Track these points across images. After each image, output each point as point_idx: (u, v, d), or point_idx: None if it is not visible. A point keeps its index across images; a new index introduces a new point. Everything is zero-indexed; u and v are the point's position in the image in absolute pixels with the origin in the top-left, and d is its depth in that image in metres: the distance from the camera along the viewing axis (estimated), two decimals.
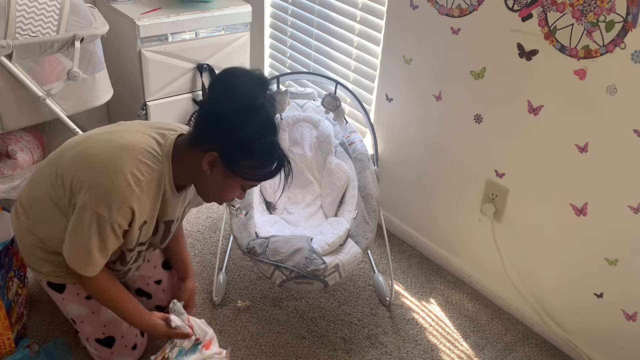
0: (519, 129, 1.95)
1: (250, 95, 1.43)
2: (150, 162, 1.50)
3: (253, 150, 1.46)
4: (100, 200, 1.45)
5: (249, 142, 1.44)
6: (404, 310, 2.16)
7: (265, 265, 1.86)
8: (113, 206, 1.44)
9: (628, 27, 1.59)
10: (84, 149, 1.56)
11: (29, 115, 2.24)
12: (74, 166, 1.53)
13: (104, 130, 1.63)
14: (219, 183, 1.52)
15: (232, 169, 1.47)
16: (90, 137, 1.60)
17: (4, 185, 2.30)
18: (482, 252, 2.22)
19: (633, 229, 1.73)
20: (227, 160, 1.46)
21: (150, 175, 1.49)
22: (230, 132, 1.43)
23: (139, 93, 2.71)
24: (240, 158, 1.45)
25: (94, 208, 1.45)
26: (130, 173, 1.46)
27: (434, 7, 2.09)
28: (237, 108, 1.43)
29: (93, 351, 1.79)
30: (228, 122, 1.43)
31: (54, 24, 2.14)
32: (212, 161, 1.47)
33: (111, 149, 1.50)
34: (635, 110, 1.64)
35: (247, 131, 1.43)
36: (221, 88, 1.48)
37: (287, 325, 2.05)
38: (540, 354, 2.04)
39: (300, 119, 2.39)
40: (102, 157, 1.49)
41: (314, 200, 2.32)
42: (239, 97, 1.43)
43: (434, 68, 2.17)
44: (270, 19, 2.98)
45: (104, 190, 1.45)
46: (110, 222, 1.46)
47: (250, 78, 1.47)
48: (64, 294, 1.73)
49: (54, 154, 1.67)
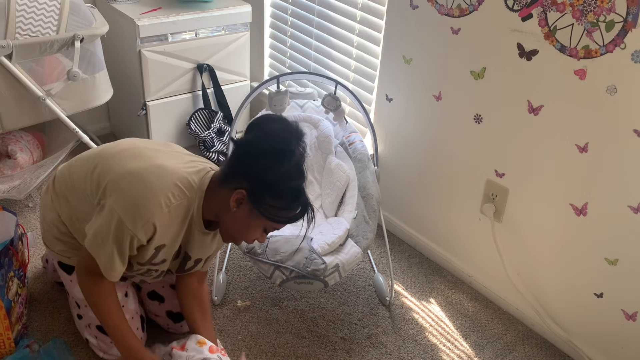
0: (519, 129, 1.95)
1: (285, 141, 1.49)
2: (185, 189, 1.55)
3: (280, 192, 1.50)
4: (128, 211, 1.50)
5: (278, 183, 1.49)
6: (404, 310, 2.16)
7: (265, 265, 1.86)
8: (138, 221, 1.50)
9: (628, 27, 1.59)
10: (128, 156, 1.61)
11: (29, 115, 2.24)
12: (111, 171, 1.59)
13: (152, 146, 1.69)
14: (243, 221, 1.56)
15: (259, 208, 1.51)
16: (137, 147, 1.66)
17: (4, 185, 2.30)
18: (482, 252, 2.22)
19: (633, 229, 1.73)
20: (255, 199, 1.50)
21: (181, 201, 1.54)
22: (261, 172, 1.49)
23: (139, 93, 2.71)
24: (267, 198, 1.50)
25: (121, 216, 1.50)
26: (164, 194, 1.52)
27: (434, 7, 2.09)
28: (271, 150, 1.48)
29: (93, 341, 1.80)
30: (261, 163, 1.49)
31: (54, 24, 2.14)
32: (240, 199, 1.52)
33: (153, 166, 1.56)
34: (635, 110, 1.64)
35: (277, 173, 1.48)
36: (258, 130, 1.54)
37: (287, 325, 2.05)
38: (540, 354, 2.04)
39: (300, 119, 2.39)
40: (141, 172, 1.55)
41: (314, 200, 2.32)
42: (275, 140, 1.49)
43: (434, 68, 2.17)
44: (270, 19, 2.98)
45: (134, 203, 1.51)
46: (131, 234, 1.51)
47: (287, 125, 1.55)
48: (72, 276, 1.78)
49: (103, 146, 1.74)
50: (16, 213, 1.97)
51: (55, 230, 1.78)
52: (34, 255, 2.18)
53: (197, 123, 2.85)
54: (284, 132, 1.52)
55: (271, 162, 1.48)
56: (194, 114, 2.84)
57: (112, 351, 1.78)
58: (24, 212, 2.45)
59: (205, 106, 2.88)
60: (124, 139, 1.78)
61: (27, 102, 2.20)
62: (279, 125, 1.55)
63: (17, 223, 1.92)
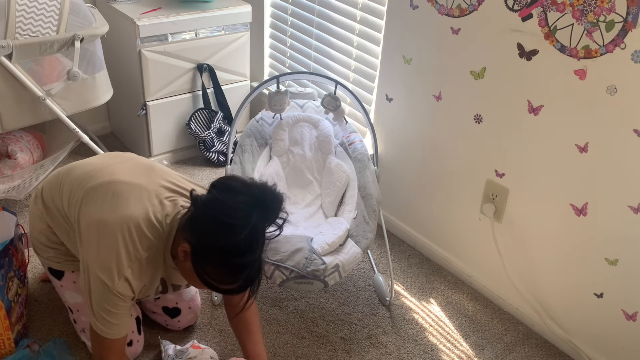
0: (519, 129, 1.95)
1: (237, 216, 1.40)
2: (154, 238, 1.52)
3: (220, 264, 1.44)
4: (103, 269, 1.48)
5: (217, 255, 1.42)
6: (404, 310, 2.16)
7: (265, 265, 1.86)
8: (114, 277, 1.48)
9: (628, 27, 1.59)
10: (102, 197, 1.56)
11: (29, 115, 2.24)
12: (84, 214, 1.57)
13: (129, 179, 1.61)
14: (187, 273, 1.53)
15: (197, 270, 1.46)
16: (114, 182, 1.59)
17: (4, 185, 2.30)
18: (482, 252, 2.22)
19: (633, 229, 1.73)
20: (195, 260, 1.46)
21: (149, 252, 1.52)
22: (205, 238, 1.43)
23: (139, 93, 2.71)
24: (206, 264, 1.45)
25: (98, 274, 1.49)
26: (131, 248, 1.49)
27: (434, 7, 2.09)
28: (219, 222, 1.41)
29: (89, 343, 1.80)
30: (207, 229, 1.42)
31: (54, 24, 2.14)
32: (186, 252, 1.47)
33: (123, 217, 1.51)
34: (635, 110, 1.64)
35: (218, 245, 1.41)
36: (212, 195, 1.46)
37: (287, 325, 2.05)
38: (540, 354, 2.04)
39: (300, 119, 2.39)
40: (110, 224, 1.51)
41: (313, 200, 2.32)
42: (225, 213, 1.41)
43: (434, 68, 2.17)
44: (270, 19, 2.98)
45: (105, 260, 1.49)
46: (114, 292, 1.49)
47: (245, 196, 1.44)
48: (62, 281, 1.78)
49: (80, 175, 1.67)
50: (16, 213, 1.97)
51: (44, 239, 1.76)
52: (33, 255, 2.18)
53: (197, 123, 2.85)
54: (242, 205, 1.41)
55: (217, 232, 1.40)
56: (194, 114, 2.84)
57: None
58: (24, 212, 2.45)
59: (205, 106, 2.88)
60: (109, 160, 1.72)
61: (27, 102, 2.20)
62: (234, 198, 1.43)
63: (17, 223, 1.92)
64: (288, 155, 2.35)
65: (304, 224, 2.20)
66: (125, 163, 1.70)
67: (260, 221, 1.43)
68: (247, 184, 1.49)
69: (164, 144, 2.87)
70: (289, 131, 2.38)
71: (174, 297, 1.90)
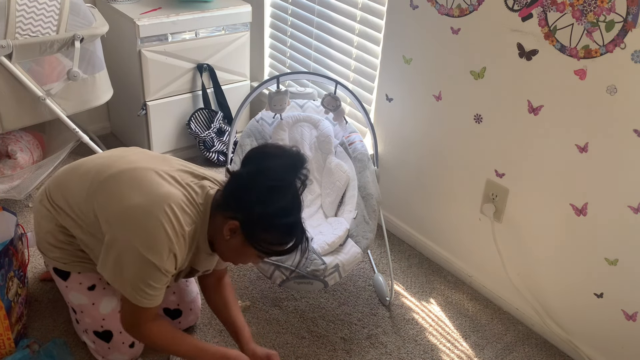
0: (519, 129, 1.95)
1: (280, 178, 1.49)
2: (192, 215, 1.55)
3: (274, 228, 1.50)
4: (149, 248, 1.49)
5: (271, 219, 1.49)
6: (404, 310, 2.16)
7: (265, 265, 1.86)
8: (163, 254, 1.49)
9: (628, 27, 1.59)
10: (127, 183, 1.58)
11: (29, 115, 2.24)
12: (112, 202, 1.58)
13: (151, 165, 1.63)
14: (236, 250, 1.56)
15: (251, 241, 1.51)
16: (137, 168, 1.61)
17: (4, 185, 2.30)
18: (482, 252, 2.22)
19: (633, 229, 1.73)
20: (248, 232, 1.50)
21: (191, 227, 1.54)
22: (254, 208, 1.48)
23: (139, 93, 2.71)
24: (260, 233, 1.50)
25: (143, 254, 1.49)
26: (176, 224, 1.50)
27: (434, 7, 2.09)
28: (265, 187, 1.48)
29: (91, 345, 1.80)
30: (254, 198, 1.48)
31: (54, 24, 2.14)
32: (233, 229, 1.51)
33: (156, 196, 1.53)
34: (635, 110, 1.64)
35: (271, 209, 1.47)
36: (253, 165, 1.53)
37: (287, 325, 2.05)
38: (540, 354, 2.04)
39: (300, 119, 2.39)
40: (146, 205, 1.52)
41: (313, 200, 2.32)
42: (269, 178, 1.49)
43: (434, 68, 2.17)
44: (270, 19, 2.98)
45: (150, 239, 1.49)
46: (161, 269, 1.51)
47: (284, 159, 1.52)
48: (67, 282, 1.77)
49: (99, 164, 1.69)
50: (16, 213, 1.97)
51: (52, 239, 1.75)
52: (34, 255, 2.18)
53: (197, 123, 2.85)
54: (280, 167, 1.50)
55: (265, 198, 1.47)
56: (194, 114, 2.84)
57: (111, 356, 1.78)
58: (24, 212, 2.45)
59: (205, 106, 2.88)
60: (120, 153, 1.74)
61: (27, 102, 2.20)
62: (275, 162, 1.52)
63: (17, 223, 1.92)
64: None
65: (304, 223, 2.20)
66: (139, 154, 1.74)
67: (296, 180, 1.51)
68: (280, 147, 1.60)
69: (164, 144, 2.87)
70: (289, 131, 2.38)
71: (176, 298, 1.90)
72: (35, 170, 2.38)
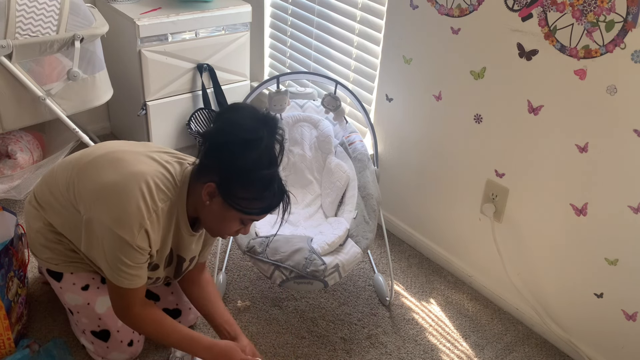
0: (519, 129, 1.95)
1: (250, 130, 1.46)
2: (167, 191, 1.55)
3: (249, 182, 1.47)
4: (119, 224, 1.49)
5: (245, 173, 1.47)
6: (404, 310, 2.16)
7: (265, 265, 1.86)
8: (133, 229, 1.48)
9: (628, 27, 1.59)
10: (104, 164, 1.60)
11: (29, 115, 2.24)
12: (88, 183, 1.59)
13: (128, 148, 1.66)
14: (218, 215, 1.54)
15: (229, 201, 1.49)
16: (114, 151, 1.64)
17: (4, 185, 2.30)
18: (482, 252, 2.22)
19: (633, 229, 1.73)
20: (225, 191, 1.49)
21: (165, 203, 1.54)
22: (228, 163, 1.47)
23: (139, 93, 2.71)
24: (236, 189, 1.48)
25: (114, 230, 1.49)
26: (149, 200, 1.50)
27: (434, 7, 2.09)
28: (236, 140, 1.45)
29: (89, 346, 1.80)
30: (227, 153, 1.47)
31: (54, 24, 2.14)
32: (211, 192, 1.50)
33: (131, 173, 1.54)
34: (635, 110, 1.64)
35: (245, 163, 1.45)
36: (223, 121, 1.51)
37: (287, 325, 2.05)
38: (540, 354, 2.04)
39: (300, 119, 2.39)
40: (120, 181, 1.53)
41: (313, 200, 2.32)
42: (239, 130, 1.46)
43: (434, 68, 2.17)
44: (270, 19, 2.98)
45: (121, 215, 1.49)
46: (133, 246, 1.50)
47: (253, 113, 1.50)
48: (61, 283, 1.78)
49: (81, 154, 1.72)
50: (16, 213, 1.97)
51: (42, 238, 1.76)
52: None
53: (197, 123, 2.85)
54: (250, 120, 1.48)
55: (237, 151, 1.45)
56: (194, 114, 2.84)
57: (111, 355, 1.78)
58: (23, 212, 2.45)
59: (205, 106, 2.88)
60: (101, 143, 1.76)
61: (27, 102, 2.20)
62: (244, 114, 1.50)
63: (17, 223, 1.92)
64: (288, 155, 2.36)
65: (304, 224, 2.20)
66: (118, 142, 1.76)
67: (269, 135, 1.48)
68: (246, 104, 1.59)
69: (164, 144, 2.86)
70: (289, 131, 2.38)
71: (175, 298, 1.90)
72: (35, 170, 2.38)
